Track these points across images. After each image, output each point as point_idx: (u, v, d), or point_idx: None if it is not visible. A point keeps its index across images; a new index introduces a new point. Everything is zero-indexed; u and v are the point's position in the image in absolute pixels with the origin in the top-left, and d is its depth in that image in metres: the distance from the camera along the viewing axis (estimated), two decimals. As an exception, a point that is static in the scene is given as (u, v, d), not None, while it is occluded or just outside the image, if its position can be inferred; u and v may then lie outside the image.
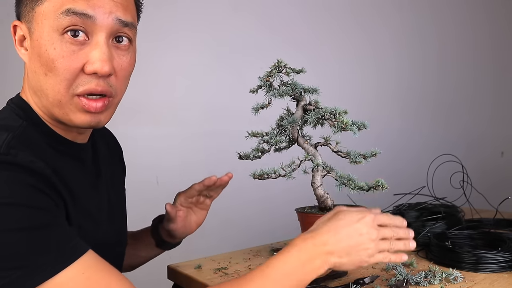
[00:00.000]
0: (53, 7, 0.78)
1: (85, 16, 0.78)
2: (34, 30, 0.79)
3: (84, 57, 0.79)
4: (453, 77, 2.81)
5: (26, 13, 0.81)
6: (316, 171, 1.12)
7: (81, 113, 0.81)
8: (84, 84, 0.80)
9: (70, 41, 0.78)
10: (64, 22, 0.77)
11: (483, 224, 1.40)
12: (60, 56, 0.78)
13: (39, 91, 0.82)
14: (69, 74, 0.79)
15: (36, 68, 0.80)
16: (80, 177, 0.87)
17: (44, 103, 0.83)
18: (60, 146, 0.85)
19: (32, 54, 0.80)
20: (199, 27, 2.02)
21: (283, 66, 1.14)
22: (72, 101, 0.80)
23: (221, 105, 2.07)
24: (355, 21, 2.48)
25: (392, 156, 2.39)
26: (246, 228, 2.06)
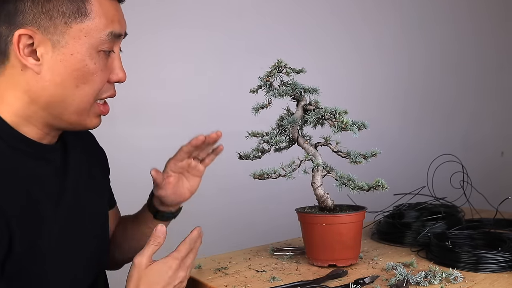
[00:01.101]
0: (96, 27, 0.84)
1: (119, 37, 0.89)
2: (65, 44, 0.83)
3: (110, 68, 0.89)
4: (453, 77, 2.81)
5: (52, 25, 0.82)
6: (316, 171, 1.12)
7: (96, 118, 0.91)
8: (107, 91, 0.90)
9: (104, 56, 0.87)
10: (106, 44, 0.86)
11: (483, 224, 1.40)
12: (99, 70, 0.86)
13: (57, 101, 0.85)
14: (102, 85, 0.88)
15: (65, 80, 0.84)
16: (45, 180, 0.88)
17: (54, 112, 0.85)
18: (27, 148, 0.86)
19: (55, 67, 0.83)
20: (199, 27, 2.02)
21: (283, 66, 1.14)
22: (92, 107, 0.88)
23: (221, 105, 2.07)
24: (358, 21, 2.47)
25: (392, 156, 2.39)
26: (246, 228, 2.06)
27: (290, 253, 1.26)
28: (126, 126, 1.82)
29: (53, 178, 0.90)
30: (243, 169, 1.18)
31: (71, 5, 0.82)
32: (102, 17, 0.85)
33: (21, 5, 0.81)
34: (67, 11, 0.82)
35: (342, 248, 1.12)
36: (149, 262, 0.89)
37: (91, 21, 0.84)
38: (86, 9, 0.83)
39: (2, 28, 0.82)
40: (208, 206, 1.88)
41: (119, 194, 1.22)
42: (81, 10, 0.83)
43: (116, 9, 0.89)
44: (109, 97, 0.91)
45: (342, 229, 1.11)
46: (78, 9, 0.83)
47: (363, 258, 1.19)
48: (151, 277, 0.88)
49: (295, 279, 1.04)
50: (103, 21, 0.85)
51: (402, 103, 2.65)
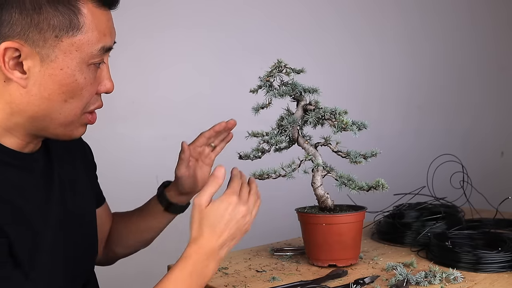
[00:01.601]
0: (88, 41, 0.80)
1: (110, 50, 0.85)
2: (55, 58, 0.79)
3: (98, 80, 0.86)
4: (454, 77, 2.81)
5: (41, 38, 0.77)
6: (316, 171, 1.12)
7: (82, 127, 0.88)
8: (94, 103, 0.87)
9: (94, 69, 0.84)
10: (97, 58, 0.82)
11: (483, 224, 1.40)
12: (88, 84, 0.83)
13: (43, 115, 0.81)
14: (90, 98, 0.85)
15: (52, 95, 0.80)
16: (30, 189, 0.85)
17: (40, 125, 0.82)
18: (9, 159, 0.83)
19: (43, 81, 0.79)
20: (199, 27, 2.02)
21: (283, 66, 1.14)
22: (80, 119, 0.86)
23: (221, 105, 2.07)
24: (360, 20, 2.47)
25: (392, 156, 2.39)
26: (246, 228, 2.06)
27: (290, 253, 1.26)
28: (126, 126, 1.82)
29: (37, 186, 0.87)
30: (243, 169, 1.18)
31: (63, 18, 0.78)
32: (94, 31, 0.81)
33: (7, 16, 0.76)
34: (59, 24, 0.78)
35: (342, 248, 1.12)
36: (208, 202, 0.89)
37: (83, 35, 0.80)
38: (78, 22, 0.79)
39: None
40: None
41: (118, 193, 1.23)
42: (73, 23, 0.78)
43: (108, 20, 0.85)
44: (97, 108, 0.88)
45: (342, 229, 1.11)
46: (71, 22, 0.78)
47: (363, 258, 1.19)
48: (212, 216, 0.88)
49: (295, 279, 1.04)
50: (95, 34, 0.81)
51: (402, 103, 2.65)
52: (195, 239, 0.89)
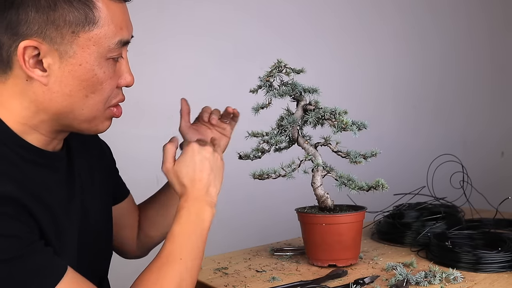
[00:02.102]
0: (105, 35, 0.80)
1: (127, 43, 0.86)
2: (73, 54, 0.79)
3: (118, 73, 0.86)
4: (453, 77, 2.81)
5: (58, 35, 0.78)
6: (316, 171, 1.12)
7: (107, 121, 0.89)
8: (116, 97, 0.87)
9: (113, 63, 0.84)
10: (115, 52, 0.83)
11: (483, 224, 1.40)
12: (108, 78, 0.83)
13: (67, 112, 0.82)
14: (111, 92, 0.85)
15: (73, 91, 0.81)
16: (54, 187, 0.86)
17: (64, 121, 0.84)
18: (34, 157, 0.83)
19: (64, 78, 0.80)
20: (199, 27, 2.02)
21: (283, 66, 1.14)
22: (104, 113, 0.86)
23: (222, 105, 2.06)
24: (356, 20, 2.47)
25: (392, 156, 2.39)
26: (246, 228, 2.06)
27: (290, 253, 1.26)
28: (126, 127, 1.82)
29: (61, 186, 0.88)
30: (243, 169, 1.18)
31: (78, 13, 0.78)
32: (110, 24, 0.81)
33: (24, 15, 0.76)
34: (75, 20, 0.78)
35: (342, 248, 1.12)
36: (174, 163, 0.96)
37: (99, 29, 0.80)
38: (94, 17, 0.79)
39: (4, 37, 0.78)
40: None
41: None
42: (89, 17, 0.79)
43: (124, 13, 0.85)
44: (119, 102, 0.89)
45: (342, 229, 1.11)
46: (86, 17, 0.78)
47: (363, 258, 1.19)
48: (184, 169, 0.94)
49: (295, 279, 1.04)
50: (112, 28, 0.81)
51: (402, 103, 2.65)
52: (182, 195, 0.94)
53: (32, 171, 0.81)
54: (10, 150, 0.79)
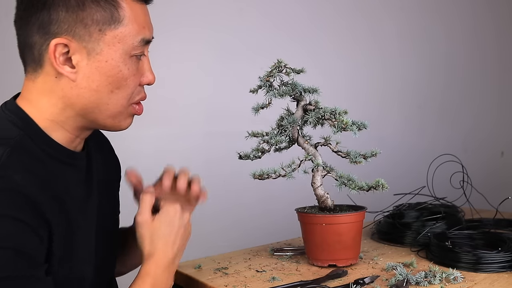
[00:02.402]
0: (129, 33, 0.85)
1: (149, 42, 0.90)
2: (100, 51, 0.84)
3: (141, 71, 0.90)
4: (456, 77, 2.81)
5: (86, 33, 0.82)
6: (316, 171, 1.12)
7: (129, 118, 0.93)
8: (138, 94, 0.91)
9: (136, 61, 0.88)
10: (138, 50, 0.87)
11: (483, 224, 1.40)
12: (132, 75, 0.88)
13: (93, 107, 0.86)
14: (135, 88, 0.89)
15: (100, 86, 0.85)
16: (74, 185, 0.89)
17: (90, 116, 0.87)
18: (59, 154, 0.87)
19: (91, 74, 0.84)
20: (199, 27, 2.02)
21: (283, 66, 1.14)
22: (127, 110, 0.90)
23: (222, 105, 2.07)
24: (361, 20, 2.47)
25: (392, 156, 2.39)
26: (246, 228, 2.06)
27: (290, 253, 1.26)
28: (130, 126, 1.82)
29: (80, 184, 0.92)
30: (243, 169, 1.18)
31: (105, 12, 0.83)
32: (134, 23, 0.86)
33: (55, 14, 0.81)
34: (102, 19, 0.83)
35: (342, 248, 1.12)
36: (151, 216, 0.92)
37: (124, 27, 0.85)
38: (119, 16, 0.84)
39: (36, 37, 0.83)
40: (208, 206, 1.88)
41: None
42: (114, 16, 0.84)
43: (145, 13, 0.90)
44: (141, 99, 0.93)
45: (342, 229, 1.11)
46: (112, 16, 0.84)
47: (363, 258, 1.20)
48: (163, 228, 0.92)
49: (295, 279, 1.04)
50: (135, 27, 0.86)
51: (402, 103, 2.65)
52: (151, 255, 0.91)
53: (56, 168, 0.85)
54: (37, 146, 0.83)
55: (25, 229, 0.74)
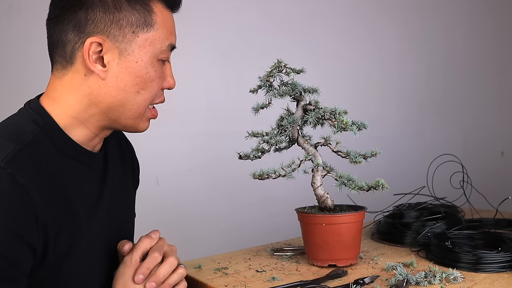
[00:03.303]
0: (159, 38, 0.90)
1: (173, 48, 0.94)
2: (131, 52, 0.87)
3: (164, 76, 0.94)
4: (455, 78, 2.81)
5: (121, 34, 0.86)
6: (316, 171, 1.12)
7: (147, 121, 0.96)
8: (159, 97, 0.95)
9: (161, 65, 0.92)
10: (165, 54, 0.92)
11: (483, 224, 1.39)
12: (157, 77, 0.91)
13: (118, 106, 0.89)
14: (158, 91, 0.93)
15: (127, 86, 0.88)
16: (86, 183, 0.91)
17: (113, 115, 0.90)
18: (75, 153, 0.89)
19: (120, 73, 0.87)
20: (199, 27, 2.02)
21: (283, 66, 1.14)
22: (146, 112, 0.94)
23: (222, 105, 2.07)
24: (360, 20, 2.47)
25: (392, 156, 2.39)
26: (246, 228, 2.06)
27: (290, 253, 1.26)
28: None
29: (93, 184, 0.93)
30: (243, 169, 1.18)
31: (139, 16, 0.87)
32: (164, 28, 0.90)
33: (92, 15, 0.85)
34: (136, 21, 0.87)
35: (342, 248, 1.12)
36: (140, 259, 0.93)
37: (155, 32, 0.89)
38: (152, 20, 0.88)
39: (71, 35, 0.86)
40: (208, 206, 1.88)
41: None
42: (147, 21, 0.88)
43: (173, 21, 0.95)
44: (160, 102, 0.97)
45: (342, 229, 1.11)
46: (145, 19, 0.88)
47: (363, 258, 1.19)
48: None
49: (295, 279, 1.04)
50: (164, 32, 0.90)
51: (402, 103, 2.65)
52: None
53: (69, 166, 0.87)
54: (52, 144, 0.85)
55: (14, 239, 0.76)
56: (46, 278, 0.83)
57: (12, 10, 1.17)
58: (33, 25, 1.70)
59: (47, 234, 0.80)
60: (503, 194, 1.42)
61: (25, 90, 1.47)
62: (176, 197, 1.91)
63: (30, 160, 0.80)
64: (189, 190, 1.91)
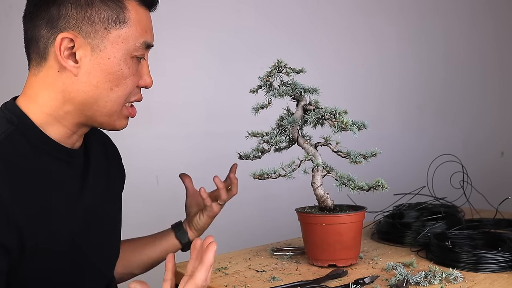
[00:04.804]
0: (132, 34, 0.90)
1: (150, 47, 0.94)
2: (104, 48, 0.87)
3: (139, 74, 0.94)
4: (455, 78, 2.81)
5: (92, 30, 0.86)
6: (316, 171, 1.12)
7: (124, 119, 0.96)
8: (135, 95, 0.95)
9: (136, 62, 0.92)
10: (139, 51, 0.91)
11: (483, 224, 1.39)
12: (131, 74, 0.91)
13: (91, 102, 0.89)
14: (132, 89, 0.93)
15: (100, 82, 0.88)
16: (66, 180, 0.92)
17: (88, 112, 0.90)
18: (52, 151, 0.89)
19: (92, 69, 0.87)
20: (199, 26, 2.02)
21: (283, 66, 1.14)
22: (122, 110, 0.93)
23: (221, 105, 2.07)
24: (360, 20, 2.47)
25: (392, 156, 2.39)
26: (246, 228, 2.06)
27: (290, 253, 1.26)
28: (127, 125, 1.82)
29: (73, 180, 0.93)
30: (243, 169, 1.18)
31: (112, 12, 0.87)
32: (137, 26, 0.90)
33: (64, 10, 0.85)
34: (108, 18, 0.87)
35: (342, 248, 1.12)
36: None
37: (128, 28, 0.89)
38: (125, 17, 0.88)
39: (43, 31, 0.86)
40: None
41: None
42: (120, 17, 0.88)
43: (148, 19, 0.94)
44: (136, 101, 0.96)
45: (342, 229, 1.11)
46: (118, 16, 0.88)
47: (363, 258, 1.19)
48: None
49: (295, 279, 1.04)
50: (138, 29, 0.90)
51: (402, 104, 2.65)
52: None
53: (46, 163, 0.87)
54: (27, 142, 0.86)
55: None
56: (27, 276, 0.84)
57: (12, 10, 1.17)
58: (33, 25, 1.70)
59: (21, 232, 0.81)
60: (503, 194, 1.42)
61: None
62: (176, 197, 1.91)
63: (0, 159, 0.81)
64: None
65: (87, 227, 0.94)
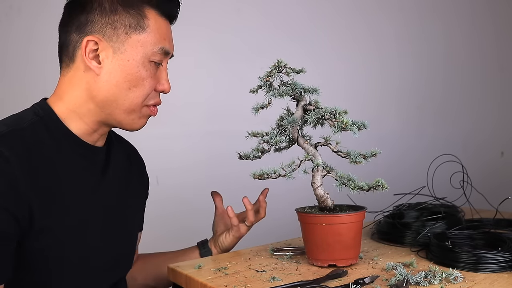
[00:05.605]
0: (151, 40, 0.98)
1: (168, 54, 1.03)
2: (124, 51, 0.96)
3: (157, 78, 1.02)
4: (455, 78, 2.81)
5: (115, 34, 0.96)
6: (316, 171, 1.12)
7: (144, 118, 1.03)
8: (153, 98, 1.03)
9: (154, 67, 1.00)
10: (157, 57, 1.00)
11: (483, 224, 1.40)
12: (149, 77, 0.99)
13: (111, 100, 0.97)
14: (150, 91, 1.00)
15: (119, 82, 0.97)
16: (83, 174, 0.97)
17: (108, 110, 0.98)
18: (72, 144, 0.96)
19: (113, 70, 0.96)
20: (199, 26, 2.02)
21: (283, 66, 1.14)
22: (141, 110, 1.01)
23: (221, 105, 2.07)
24: (360, 20, 2.47)
25: (392, 156, 2.39)
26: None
27: (290, 253, 1.26)
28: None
29: (90, 174, 0.99)
30: (243, 169, 1.18)
31: (133, 19, 0.97)
32: (156, 33, 0.99)
33: (91, 17, 0.96)
34: (129, 24, 0.96)
35: (342, 248, 1.12)
36: None
37: (147, 34, 0.98)
38: (144, 24, 0.98)
39: (73, 35, 0.97)
40: (208, 206, 1.88)
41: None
42: (140, 24, 0.97)
43: (167, 28, 1.03)
44: (155, 104, 1.04)
45: (342, 229, 1.11)
46: (138, 23, 0.97)
47: (363, 258, 1.19)
48: None
49: (295, 279, 1.04)
50: (157, 36, 0.99)
51: (402, 104, 2.65)
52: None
53: (64, 155, 0.94)
54: (49, 133, 0.93)
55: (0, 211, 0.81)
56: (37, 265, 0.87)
57: (12, 10, 1.17)
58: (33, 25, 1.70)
59: (32, 213, 0.85)
60: (503, 194, 1.42)
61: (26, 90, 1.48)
62: (176, 197, 1.91)
63: (20, 141, 0.87)
64: (189, 190, 1.91)
65: (97, 223, 0.98)
